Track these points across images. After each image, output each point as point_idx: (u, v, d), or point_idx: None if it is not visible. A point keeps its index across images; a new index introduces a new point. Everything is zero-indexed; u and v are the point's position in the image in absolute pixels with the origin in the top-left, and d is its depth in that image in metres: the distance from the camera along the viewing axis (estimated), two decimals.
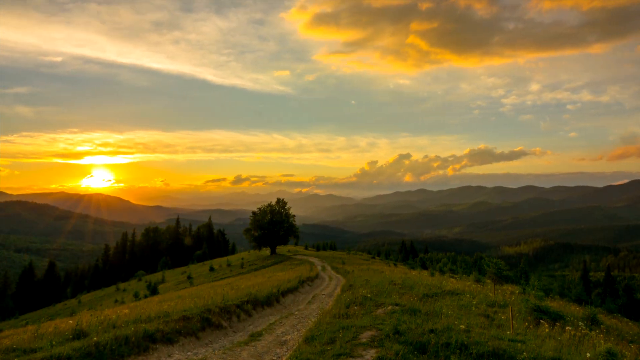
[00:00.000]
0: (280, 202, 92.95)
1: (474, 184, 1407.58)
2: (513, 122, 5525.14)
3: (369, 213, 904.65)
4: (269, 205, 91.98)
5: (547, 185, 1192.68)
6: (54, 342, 12.41)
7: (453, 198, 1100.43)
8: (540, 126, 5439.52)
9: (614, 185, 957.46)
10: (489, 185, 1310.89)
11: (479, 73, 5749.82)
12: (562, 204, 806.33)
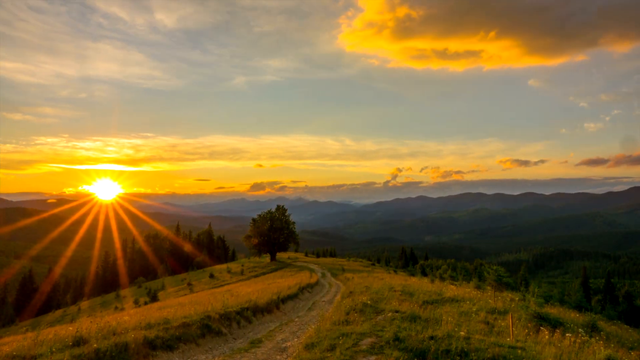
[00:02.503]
0: (280, 209, 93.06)
1: (474, 191, 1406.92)
2: None
3: (369, 220, 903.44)
4: (269, 212, 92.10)
5: (547, 192, 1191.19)
6: (53, 349, 12.40)
7: (453, 205, 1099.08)
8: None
9: (614, 192, 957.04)
10: (489, 192, 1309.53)
11: None
12: (562, 210, 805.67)
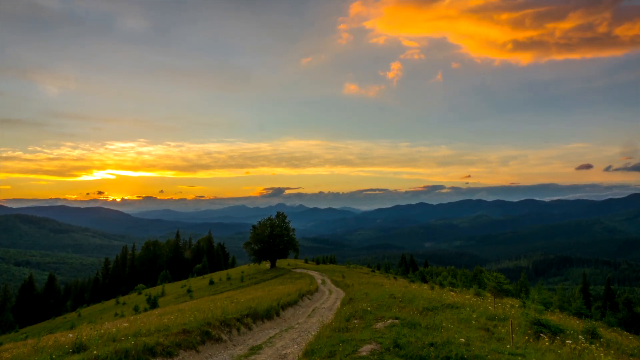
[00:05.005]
0: (280, 216, 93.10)
1: (474, 198, 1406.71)
2: None
3: (369, 226, 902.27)
4: (269, 218, 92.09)
5: (547, 199, 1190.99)
6: (53, 356, 12.42)
7: (453, 211, 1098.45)
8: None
9: (614, 199, 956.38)
10: (489, 198, 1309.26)
11: None
12: (562, 217, 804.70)
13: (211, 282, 75.98)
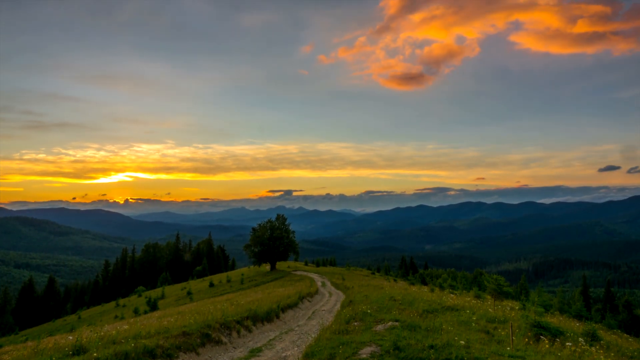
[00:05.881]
0: (280, 218, 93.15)
1: (474, 200, 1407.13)
2: None
3: (369, 228, 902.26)
4: (269, 221, 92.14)
5: (547, 201, 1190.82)
6: (53, 358, 12.44)
7: (453, 214, 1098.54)
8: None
9: (614, 201, 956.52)
10: (489, 201, 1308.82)
11: None
12: (562, 219, 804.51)
13: (211, 285, 75.94)
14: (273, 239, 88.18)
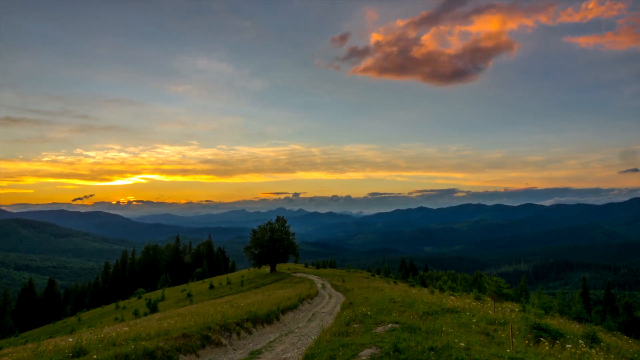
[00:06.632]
0: (280, 220, 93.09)
1: (474, 202, 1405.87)
2: None
3: (369, 230, 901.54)
4: (269, 223, 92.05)
5: (547, 203, 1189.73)
6: None
7: (453, 216, 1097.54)
8: None
9: (614, 203, 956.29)
10: (489, 203, 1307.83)
11: None
12: (561, 221, 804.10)
13: (211, 287, 75.86)
14: (273, 241, 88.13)
